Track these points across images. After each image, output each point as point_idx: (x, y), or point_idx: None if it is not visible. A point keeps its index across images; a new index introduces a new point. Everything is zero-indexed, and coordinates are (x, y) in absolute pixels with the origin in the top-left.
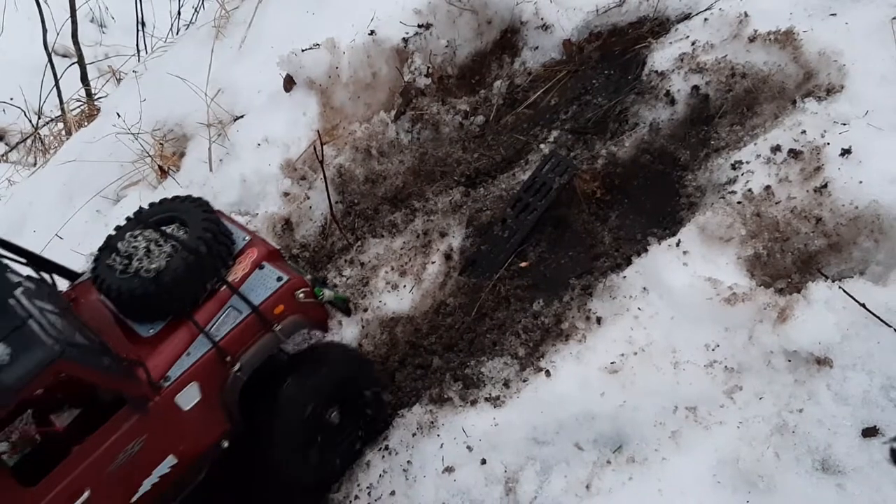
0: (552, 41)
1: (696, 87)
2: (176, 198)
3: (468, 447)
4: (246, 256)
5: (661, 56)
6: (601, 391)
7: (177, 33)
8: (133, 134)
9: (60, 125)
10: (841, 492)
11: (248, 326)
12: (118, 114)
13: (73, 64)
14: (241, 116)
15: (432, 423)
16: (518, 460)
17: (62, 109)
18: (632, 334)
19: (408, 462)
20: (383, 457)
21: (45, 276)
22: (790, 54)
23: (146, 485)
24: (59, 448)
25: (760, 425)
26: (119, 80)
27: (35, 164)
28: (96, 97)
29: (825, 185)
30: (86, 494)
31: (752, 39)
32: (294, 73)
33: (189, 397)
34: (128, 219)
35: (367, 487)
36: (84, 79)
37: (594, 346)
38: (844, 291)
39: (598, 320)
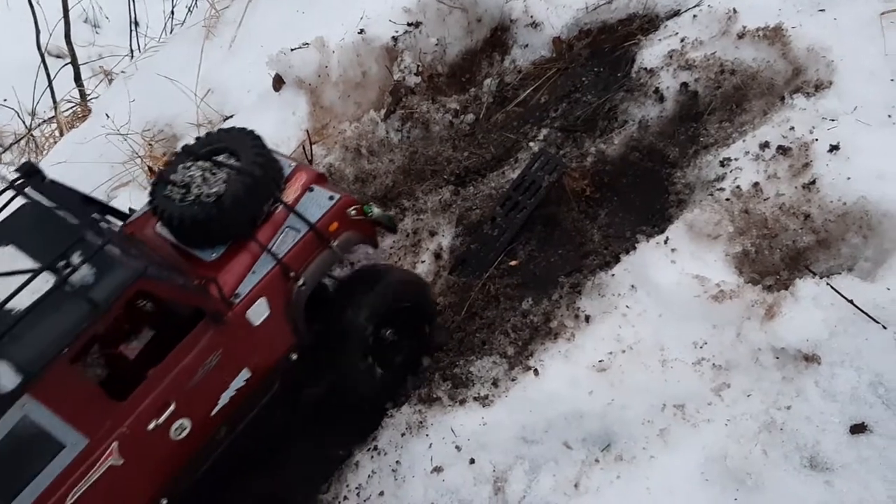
0: (542, 39)
1: (685, 84)
2: (221, 129)
3: (457, 447)
4: (295, 181)
5: (651, 53)
6: (590, 389)
7: (170, 32)
8: (122, 135)
9: (54, 126)
10: (829, 489)
11: (307, 244)
12: (107, 115)
13: (66, 64)
14: (231, 116)
15: (421, 422)
16: (507, 459)
17: (55, 110)
18: (620, 332)
19: (397, 462)
20: (372, 457)
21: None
22: (779, 50)
23: (224, 398)
24: (132, 374)
25: (748, 423)
26: (111, 81)
27: None
28: (90, 98)
29: (813, 182)
30: (171, 408)
31: (740, 36)
32: (283, 72)
33: (259, 312)
34: (175, 154)
35: (357, 488)
36: (77, 79)
37: (583, 345)
38: (832, 288)
39: (587, 318)
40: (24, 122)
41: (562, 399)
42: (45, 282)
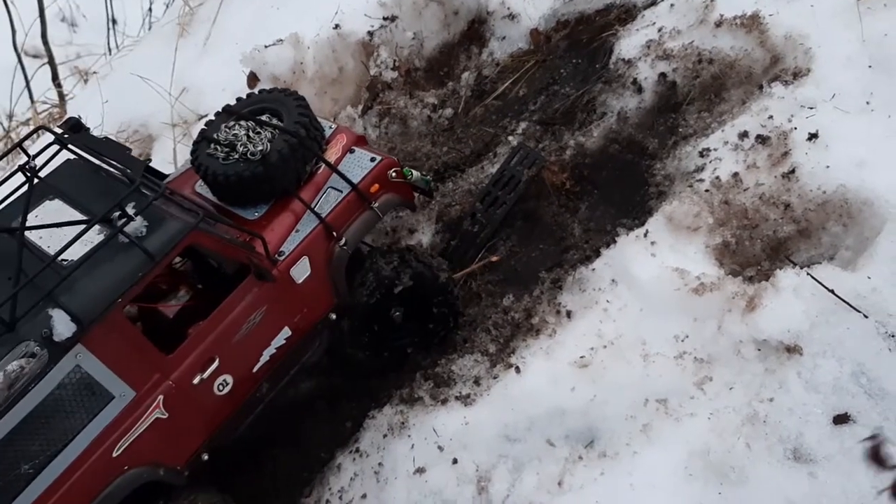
0: (519, 31)
1: (663, 75)
2: (263, 90)
3: (439, 447)
4: (336, 142)
5: (628, 43)
6: (571, 386)
7: (149, 30)
8: None
9: (32, 127)
10: (813, 480)
11: (349, 204)
12: (79, 116)
13: (44, 65)
14: (206, 115)
15: (403, 423)
16: (490, 459)
17: (34, 111)
18: (601, 327)
19: (379, 464)
20: (354, 459)
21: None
22: (756, 39)
23: (265, 355)
24: (170, 332)
25: (731, 416)
26: (86, 81)
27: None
28: (68, 98)
29: (793, 171)
30: (216, 363)
31: (718, 24)
32: (257, 69)
33: (302, 270)
34: (217, 113)
35: (339, 491)
36: (55, 79)
37: (564, 341)
38: (812, 278)
39: (568, 314)
40: (1, 125)
41: (544, 396)
42: (98, 233)
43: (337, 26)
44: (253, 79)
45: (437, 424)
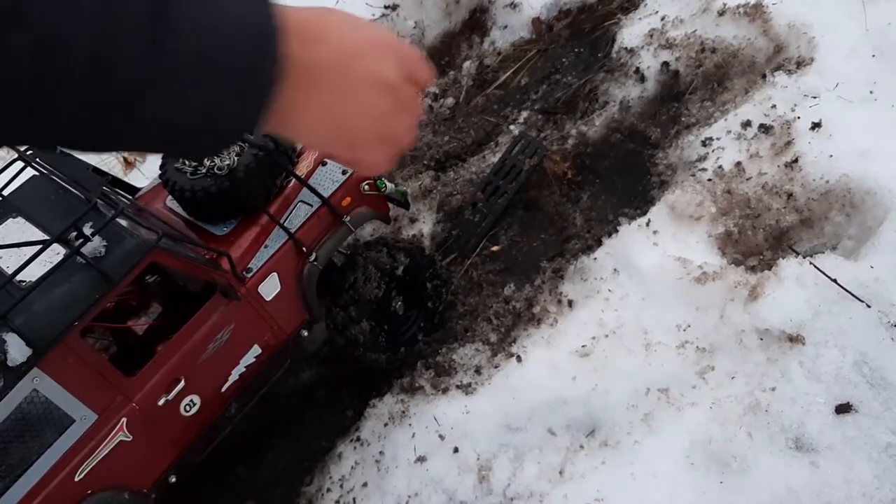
0: (521, 20)
1: (665, 64)
2: None
3: (440, 436)
4: (309, 154)
5: (631, 32)
6: (573, 375)
7: None
8: None
9: None
10: (815, 470)
11: (319, 218)
12: None
13: None
14: None
15: (404, 412)
16: (491, 448)
17: None
18: (602, 317)
19: (380, 453)
20: (355, 448)
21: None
22: (760, 28)
23: (234, 374)
24: (140, 350)
25: (733, 405)
26: None
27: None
28: None
29: (796, 160)
30: (181, 384)
31: (721, 13)
32: None
33: (271, 287)
34: None
35: (339, 479)
36: None
37: (565, 330)
38: (815, 267)
39: (570, 303)
40: None
41: (545, 385)
42: (56, 254)
43: None
44: None
45: (438, 413)
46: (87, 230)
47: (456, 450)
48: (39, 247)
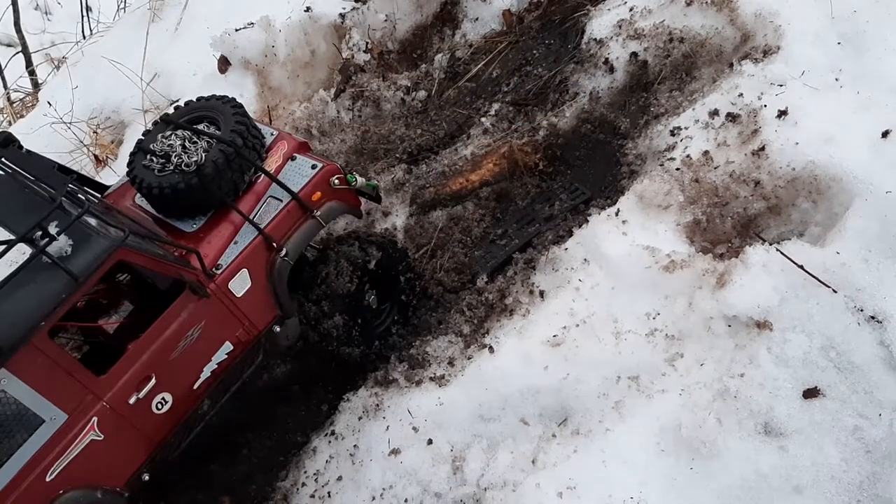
0: (492, 12)
1: (634, 54)
2: (201, 98)
3: (414, 428)
4: (277, 149)
5: (600, 23)
6: (545, 365)
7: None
8: (66, 123)
9: (4, 116)
10: (783, 453)
11: (289, 213)
12: (49, 103)
13: (17, 53)
14: (178, 100)
15: (377, 405)
16: (464, 438)
17: (8, 99)
18: (573, 306)
19: (354, 446)
20: (329, 442)
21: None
22: (727, 17)
23: (206, 371)
24: (111, 348)
25: (702, 392)
26: (58, 68)
27: None
28: (42, 86)
29: (762, 148)
30: (152, 382)
31: (689, 3)
32: (228, 53)
33: (241, 283)
34: (155, 123)
35: (314, 474)
36: (28, 67)
37: (537, 320)
38: (781, 253)
39: (541, 294)
40: None
41: (517, 375)
42: (22, 253)
43: (308, 9)
44: (224, 63)
45: (412, 406)
46: (53, 229)
47: (430, 441)
48: (4, 247)
